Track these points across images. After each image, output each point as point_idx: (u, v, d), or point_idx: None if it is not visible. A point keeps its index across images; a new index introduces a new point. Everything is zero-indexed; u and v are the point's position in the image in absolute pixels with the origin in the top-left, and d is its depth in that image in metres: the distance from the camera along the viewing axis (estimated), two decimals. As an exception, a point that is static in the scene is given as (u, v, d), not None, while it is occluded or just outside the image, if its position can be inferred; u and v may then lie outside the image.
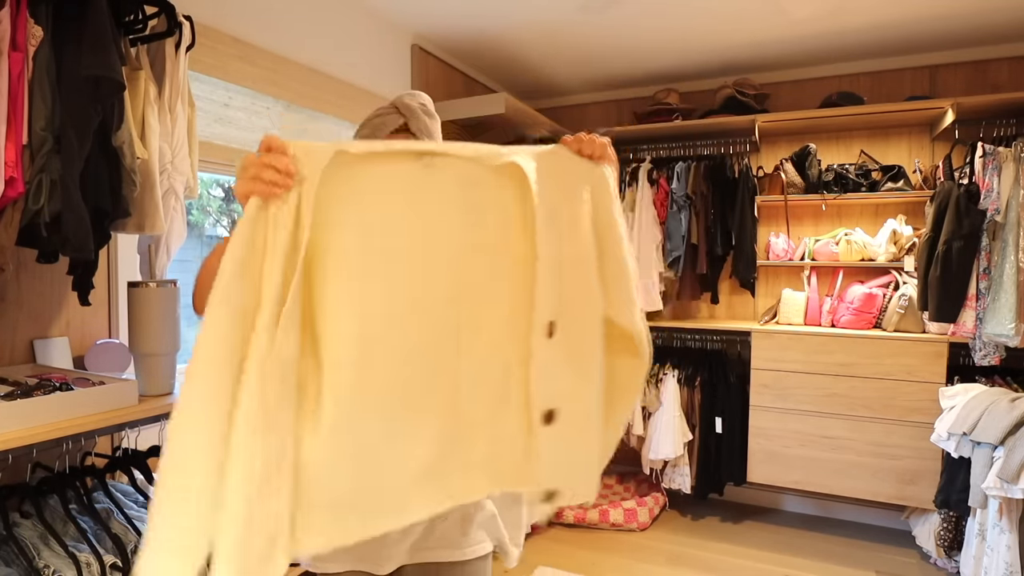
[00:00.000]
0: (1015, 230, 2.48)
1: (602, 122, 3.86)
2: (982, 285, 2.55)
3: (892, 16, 2.69)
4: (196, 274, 1.01)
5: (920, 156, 3.16)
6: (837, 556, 2.86)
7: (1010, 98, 2.64)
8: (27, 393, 1.19)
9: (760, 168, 3.39)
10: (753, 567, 2.75)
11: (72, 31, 1.21)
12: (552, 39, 2.99)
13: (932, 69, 3.13)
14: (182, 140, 1.49)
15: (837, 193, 3.08)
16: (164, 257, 1.50)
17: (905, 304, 2.86)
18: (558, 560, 2.83)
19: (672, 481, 3.30)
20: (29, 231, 1.20)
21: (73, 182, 1.20)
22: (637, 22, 2.78)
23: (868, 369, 2.82)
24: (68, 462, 1.38)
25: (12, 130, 1.13)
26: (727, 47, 3.08)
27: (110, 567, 1.20)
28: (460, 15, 2.73)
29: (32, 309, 1.51)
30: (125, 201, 1.34)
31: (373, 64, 2.70)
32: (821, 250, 3.14)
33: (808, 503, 3.37)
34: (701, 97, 3.56)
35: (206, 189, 2.28)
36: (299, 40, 2.30)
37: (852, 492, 2.87)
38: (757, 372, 3.03)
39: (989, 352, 2.59)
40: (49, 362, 1.52)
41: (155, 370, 1.43)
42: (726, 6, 2.61)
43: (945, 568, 2.71)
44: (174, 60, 1.48)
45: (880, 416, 2.81)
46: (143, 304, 1.42)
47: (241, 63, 2.03)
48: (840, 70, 3.29)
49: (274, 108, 2.21)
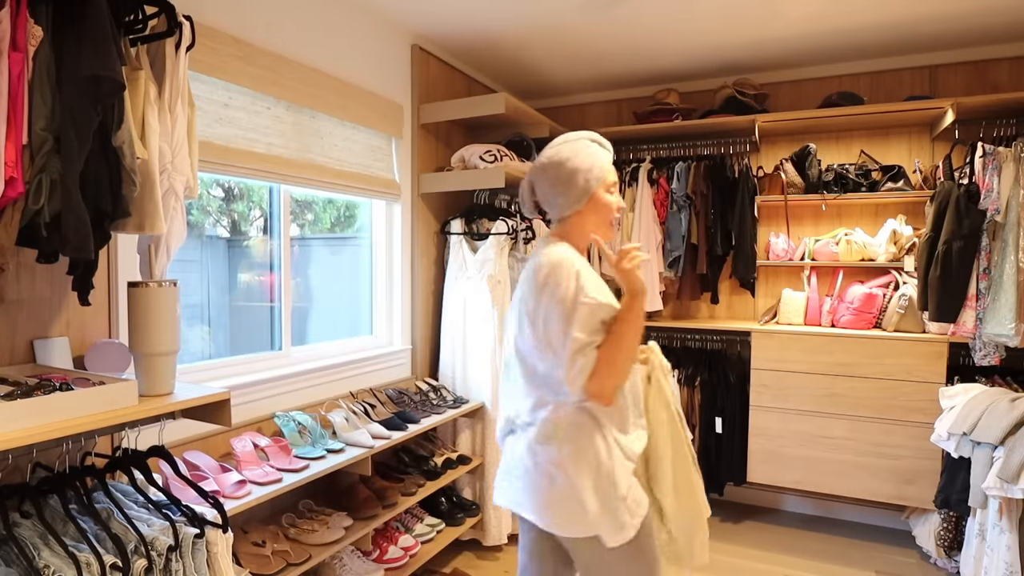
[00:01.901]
0: (1015, 230, 2.48)
1: (602, 122, 3.86)
2: (982, 285, 2.55)
3: (892, 16, 2.69)
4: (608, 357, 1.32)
5: (920, 156, 3.16)
6: (837, 556, 2.86)
7: (1010, 98, 2.64)
8: (27, 393, 1.19)
9: (760, 168, 3.39)
10: (753, 567, 2.75)
11: (72, 31, 1.21)
12: (552, 39, 2.99)
13: (932, 69, 3.13)
14: (182, 140, 1.49)
15: (837, 193, 3.08)
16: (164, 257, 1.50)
17: (905, 304, 2.86)
18: (558, 560, 2.83)
19: (672, 481, 3.29)
20: (29, 231, 1.20)
21: (73, 182, 1.20)
22: (637, 22, 2.78)
23: (868, 369, 2.82)
24: (68, 462, 1.38)
25: (12, 130, 1.13)
26: (727, 47, 3.08)
27: (110, 567, 1.20)
28: (460, 15, 2.73)
29: (32, 309, 1.51)
30: (125, 201, 1.34)
31: (373, 64, 2.70)
32: (821, 250, 3.14)
33: (808, 503, 3.37)
34: (701, 97, 3.56)
35: (206, 189, 2.28)
36: (299, 40, 2.29)
37: (852, 492, 2.87)
38: (757, 372, 3.03)
39: (989, 352, 2.59)
40: (49, 362, 1.52)
41: (155, 370, 1.43)
42: (726, 6, 2.61)
43: (945, 568, 2.71)
44: (174, 60, 1.48)
45: (880, 416, 2.81)
46: (143, 304, 1.42)
47: (241, 63, 2.03)
48: (840, 70, 3.30)
49: (274, 108, 2.21)
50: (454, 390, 2.96)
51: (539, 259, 1.39)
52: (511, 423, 1.47)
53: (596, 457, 1.33)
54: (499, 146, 2.96)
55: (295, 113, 2.31)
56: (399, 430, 2.35)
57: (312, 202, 2.71)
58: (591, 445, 1.34)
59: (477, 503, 2.86)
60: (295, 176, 2.29)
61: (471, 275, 2.93)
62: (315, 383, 2.40)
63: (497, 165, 2.84)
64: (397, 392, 2.70)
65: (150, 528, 1.33)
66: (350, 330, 2.86)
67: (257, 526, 1.99)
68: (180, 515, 1.41)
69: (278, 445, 2.00)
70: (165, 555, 1.30)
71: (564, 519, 1.35)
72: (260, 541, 1.88)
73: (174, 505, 1.43)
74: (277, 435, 2.14)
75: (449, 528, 2.67)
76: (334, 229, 2.87)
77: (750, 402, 3.04)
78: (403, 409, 2.60)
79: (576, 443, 1.34)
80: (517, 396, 1.45)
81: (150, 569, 1.27)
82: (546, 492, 1.35)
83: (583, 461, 1.33)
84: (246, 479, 1.78)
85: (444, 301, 3.05)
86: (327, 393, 2.45)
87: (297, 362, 2.42)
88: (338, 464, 2.00)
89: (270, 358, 2.34)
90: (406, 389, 2.77)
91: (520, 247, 3.03)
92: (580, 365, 1.29)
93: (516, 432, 1.45)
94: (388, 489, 2.30)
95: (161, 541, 1.30)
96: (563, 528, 1.36)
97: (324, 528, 2.01)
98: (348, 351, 2.69)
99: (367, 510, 2.16)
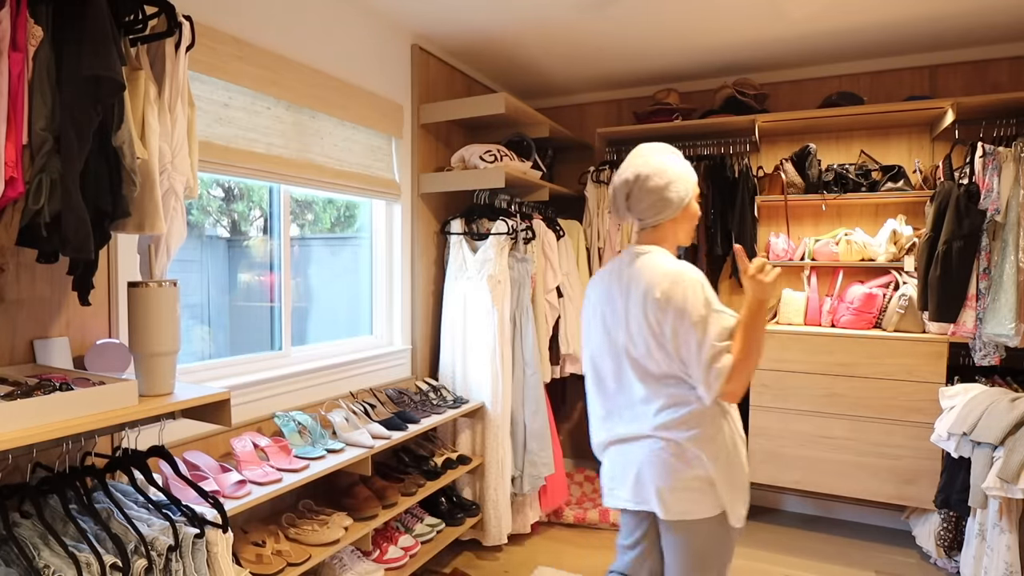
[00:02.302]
0: (1015, 230, 2.48)
1: (602, 122, 3.86)
2: (982, 285, 2.55)
3: (892, 16, 2.69)
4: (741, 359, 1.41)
5: (920, 156, 3.16)
6: (837, 556, 2.86)
7: (1010, 98, 2.64)
8: (27, 393, 1.19)
9: (760, 168, 3.39)
10: (753, 567, 2.75)
11: (72, 31, 1.21)
12: (552, 39, 2.99)
13: (932, 69, 3.13)
14: (182, 140, 1.49)
15: (837, 193, 3.08)
16: (164, 257, 1.50)
17: (905, 304, 2.86)
18: (558, 560, 2.83)
19: (672, 481, 3.30)
20: (29, 231, 1.20)
21: (73, 182, 1.20)
22: (637, 22, 2.78)
23: (868, 369, 2.82)
24: (68, 462, 1.38)
25: (12, 130, 1.13)
26: (727, 47, 3.08)
27: (110, 567, 1.20)
28: (460, 15, 2.73)
29: (32, 309, 1.51)
30: (125, 201, 1.34)
31: (373, 64, 2.70)
32: (821, 250, 3.14)
33: (808, 503, 3.38)
34: (701, 97, 3.56)
35: (206, 189, 2.28)
36: (299, 40, 2.29)
37: (852, 492, 2.87)
38: (757, 372, 3.03)
39: (989, 352, 2.59)
40: (49, 362, 1.52)
41: (155, 370, 1.43)
42: (726, 6, 2.61)
43: (945, 568, 2.71)
44: (174, 60, 1.48)
45: (880, 416, 2.81)
46: (143, 304, 1.42)
47: (241, 63, 2.03)
48: (840, 70, 3.30)
49: (274, 108, 2.21)
50: (454, 390, 2.96)
51: (652, 268, 1.50)
52: (621, 433, 1.59)
53: (724, 442, 1.49)
54: (499, 146, 2.96)
55: (295, 113, 2.31)
56: (399, 430, 2.35)
57: (312, 202, 2.71)
58: (720, 432, 1.49)
59: (477, 503, 2.86)
60: (295, 176, 2.30)
61: (471, 275, 2.93)
62: (315, 383, 2.40)
63: (497, 165, 2.85)
64: (397, 392, 2.70)
65: (150, 528, 1.33)
66: (350, 330, 2.86)
67: (257, 526, 1.99)
68: (180, 515, 1.41)
69: (278, 445, 2.00)
70: (165, 555, 1.30)
71: (696, 503, 1.48)
72: (260, 541, 1.88)
73: (174, 505, 1.43)
74: (277, 435, 2.14)
75: (449, 528, 2.67)
76: (334, 229, 2.87)
77: (750, 402, 3.04)
78: (403, 409, 2.60)
79: (709, 431, 1.48)
80: (633, 403, 1.56)
81: (150, 569, 1.27)
82: (682, 479, 1.48)
83: (715, 446, 1.47)
84: (246, 479, 1.78)
85: (444, 301, 3.05)
86: (327, 393, 2.45)
87: (297, 362, 2.42)
88: (338, 464, 2.00)
89: (270, 358, 2.34)
90: (406, 389, 2.77)
91: (520, 247, 3.03)
92: (716, 371, 1.40)
93: (629, 440, 1.57)
94: (388, 489, 2.30)
95: (161, 541, 1.30)
96: (695, 511, 1.48)
97: (324, 528, 2.01)
98: (348, 351, 2.69)
99: (367, 510, 2.16)
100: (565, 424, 4.02)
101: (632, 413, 1.56)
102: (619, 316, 1.55)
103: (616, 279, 1.58)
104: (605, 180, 3.49)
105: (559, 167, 3.99)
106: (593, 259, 3.51)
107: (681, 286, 1.44)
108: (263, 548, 1.85)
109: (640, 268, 1.52)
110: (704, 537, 1.52)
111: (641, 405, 1.54)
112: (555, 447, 3.16)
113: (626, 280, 1.54)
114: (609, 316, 1.58)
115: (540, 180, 3.19)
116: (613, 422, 1.61)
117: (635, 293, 1.50)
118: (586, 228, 3.53)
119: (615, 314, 1.56)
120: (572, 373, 3.43)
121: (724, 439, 1.49)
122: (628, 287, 1.53)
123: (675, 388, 1.49)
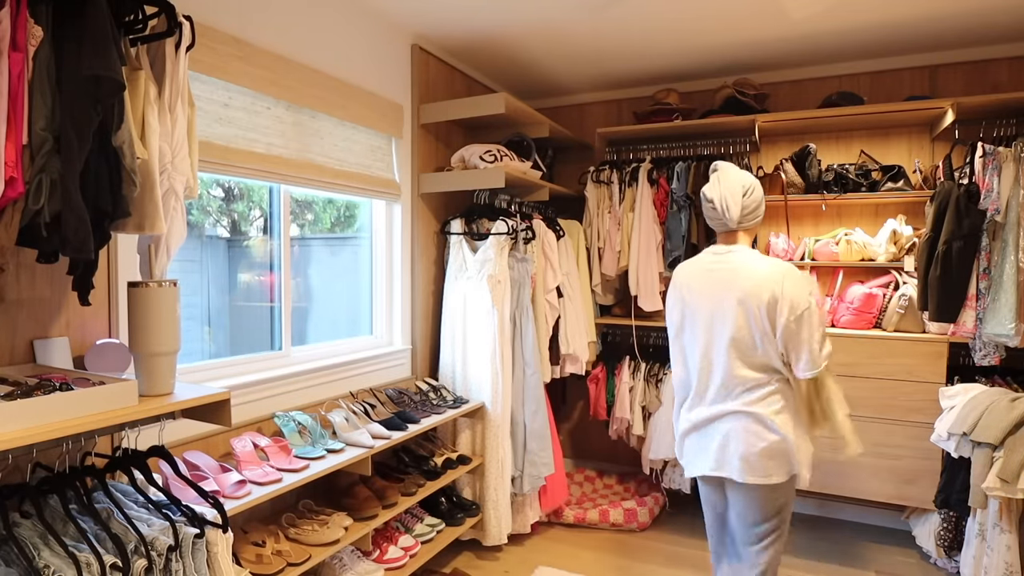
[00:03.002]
0: (1015, 230, 2.48)
1: (602, 122, 3.86)
2: (982, 285, 2.55)
3: (892, 16, 2.69)
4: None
5: (920, 156, 3.16)
6: (837, 556, 2.86)
7: (1010, 98, 2.64)
8: (27, 393, 1.19)
9: (760, 168, 3.39)
10: (753, 567, 2.75)
11: (72, 31, 1.21)
12: (552, 39, 3.00)
13: (932, 69, 3.13)
14: (182, 140, 1.49)
15: (837, 193, 3.08)
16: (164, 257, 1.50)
17: (905, 304, 2.86)
18: (558, 560, 2.83)
19: (672, 481, 3.30)
20: (29, 231, 1.20)
21: (73, 182, 1.20)
22: (637, 22, 2.78)
23: (868, 369, 2.82)
24: (68, 462, 1.38)
25: (12, 130, 1.13)
26: (727, 47, 3.08)
27: (110, 567, 1.20)
28: (460, 15, 2.73)
29: (32, 309, 1.51)
30: (125, 201, 1.34)
31: (373, 64, 2.70)
32: (821, 250, 3.14)
33: (808, 503, 3.38)
34: (701, 97, 3.56)
35: (206, 189, 2.28)
36: (299, 40, 2.30)
37: (852, 492, 2.87)
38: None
39: (989, 352, 2.59)
40: (49, 362, 1.52)
41: (155, 370, 1.43)
42: (726, 6, 2.61)
43: (945, 568, 2.71)
44: (174, 60, 1.48)
45: (880, 416, 2.81)
46: (143, 304, 1.42)
47: (241, 63, 2.03)
48: (840, 70, 3.30)
49: (274, 108, 2.21)
50: (454, 390, 2.96)
51: (755, 264, 1.78)
52: (712, 412, 1.83)
53: (796, 412, 1.78)
54: (499, 146, 2.96)
55: (295, 113, 2.31)
56: (399, 430, 2.35)
57: (312, 202, 2.71)
58: (792, 404, 1.78)
59: (477, 503, 2.86)
60: (295, 176, 2.30)
61: (471, 275, 2.93)
62: (315, 383, 2.40)
63: (497, 165, 2.85)
64: (397, 392, 2.70)
65: (150, 528, 1.33)
66: (350, 330, 2.86)
67: (257, 526, 1.99)
68: (180, 515, 1.41)
69: (278, 445, 2.00)
70: (165, 555, 1.30)
71: (781, 467, 1.75)
72: (260, 541, 1.88)
73: (174, 505, 1.43)
74: (277, 435, 2.14)
75: (449, 528, 2.67)
76: (334, 229, 2.87)
77: (750, 402, 3.04)
78: (403, 409, 2.60)
79: (791, 403, 1.78)
80: (727, 384, 1.80)
81: (150, 569, 1.27)
82: (772, 447, 1.74)
83: (793, 415, 1.77)
84: (246, 479, 1.78)
85: (444, 301, 3.05)
86: (327, 393, 2.46)
87: (297, 362, 2.42)
88: (338, 464, 2.00)
89: (270, 358, 2.34)
90: (406, 389, 2.77)
91: (520, 247, 3.03)
92: (827, 351, 1.74)
93: (718, 418, 1.82)
94: (388, 489, 2.30)
95: (161, 541, 1.30)
96: (778, 474, 1.75)
97: (324, 528, 2.01)
98: (348, 351, 2.69)
99: (367, 510, 2.16)
100: (565, 424, 4.01)
101: (725, 393, 1.80)
102: (722, 306, 1.79)
103: (714, 274, 1.83)
104: (605, 180, 3.49)
105: (559, 167, 4.00)
106: (593, 259, 3.51)
107: (791, 280, 1.72)
108: (263, 548, 1.85)
109: (742, 264, 1.80)
110: (783, 496, 1.80)
111: (735, 386, 1.78)
112: (555, 447, 3.16)
113: (727, 275, 1.80)
114: (707, 305, 1.82)
115: (540, 180, 3.19)
116: (704, 403, 1.85)
117: (744, 285, 1.76)
118: (586, 228, 3.53)
119: (716, 303, 1.80)
120: (572, 373, 3.43)
121: (797, 411, 1.78)
122: (733, 280, 1.78)
123: (763, 371, 1.76)
